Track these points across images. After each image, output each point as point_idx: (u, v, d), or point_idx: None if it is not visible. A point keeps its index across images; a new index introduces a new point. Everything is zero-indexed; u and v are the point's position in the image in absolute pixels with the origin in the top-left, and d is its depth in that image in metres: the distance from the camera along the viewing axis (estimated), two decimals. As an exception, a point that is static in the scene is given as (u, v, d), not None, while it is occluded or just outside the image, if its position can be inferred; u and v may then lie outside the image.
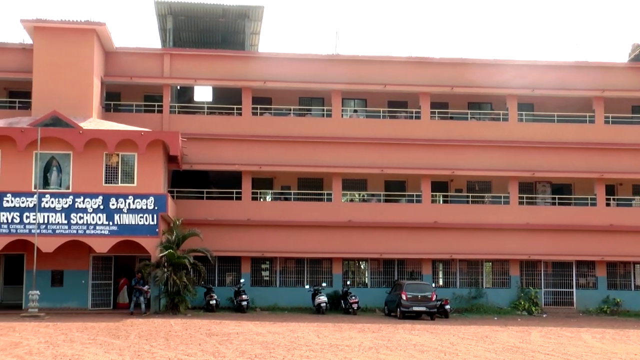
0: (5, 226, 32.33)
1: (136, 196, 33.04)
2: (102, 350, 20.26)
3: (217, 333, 24.99)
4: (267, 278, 39.60)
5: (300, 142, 39.47)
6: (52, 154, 33.26)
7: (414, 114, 41.02)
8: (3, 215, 32.31)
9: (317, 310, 35.27)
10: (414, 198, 40.46)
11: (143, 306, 32.63)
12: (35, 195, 32.35)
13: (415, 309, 33.79)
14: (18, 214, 32.41)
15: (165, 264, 32.76)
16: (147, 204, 33.06)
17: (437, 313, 34.78)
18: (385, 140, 39.76)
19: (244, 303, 34.89)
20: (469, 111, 41.91)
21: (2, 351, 19.78)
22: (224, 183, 40.50)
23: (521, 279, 39.92)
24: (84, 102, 36.08)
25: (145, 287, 33.02)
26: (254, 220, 38.47)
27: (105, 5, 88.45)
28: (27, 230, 32.38)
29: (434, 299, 34.12)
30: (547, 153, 40.28)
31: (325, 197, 40.00)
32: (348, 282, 38.65)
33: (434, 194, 40.43)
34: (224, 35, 44.91)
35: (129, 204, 32.99)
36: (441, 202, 41.10)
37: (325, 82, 40.02)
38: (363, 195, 41.99)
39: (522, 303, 38.33)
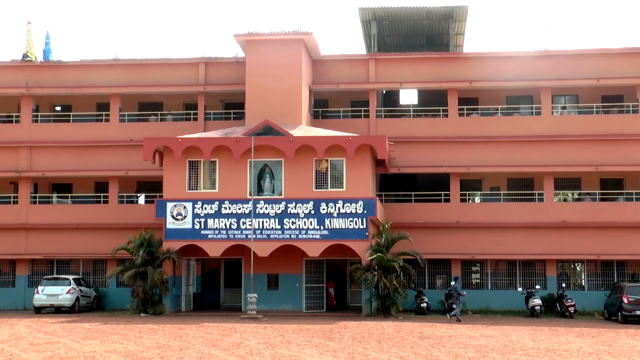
0: (224, 232, 33.89)
1: (345, 200, 33.55)
2: (318, 351, 20.68)
3: (429, 336, 24.84)
4: (478, 280, 38.95)
5: (508, 142, 38.55)
6: (265, 162, 34.51)
7: (630, 108, 38.92)
8: (222, 222, 33.88)
9: (531, 314, 34.24)
10: (633, 196, 38.35)
11: (458, 311, 31.79)
12: (251, 202, 33.67)
13: (638, 313, 31.94)
14: (235, 220, 33.86)
15: (376, 267, 33.01)
16: (356, 208, 33.49)
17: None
18: (600, 137, 38.00)
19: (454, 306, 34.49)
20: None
21: (226, 351, 20.71)
22: (432, 185, 40.27)
23: None
24: (294, 110, 37.14)
25: (463, 292, 32.68)
26: (463, 222, 37.99)
27: (310, 15, 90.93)
28: (244, 236, 33.77)
29: (660, 302, 32.05)
30: None
31: (537, 197, 38.78)
32: (563, 285, 37.18)
33: (655, 191, 38.16)
34: (428, 37, 44.76)
35: (339, 208, 33.56)
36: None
37: (534, 79, 38.85)
38: (576, 195, 40.34)
39: None
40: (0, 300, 38.68)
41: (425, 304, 34.77)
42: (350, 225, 33.49)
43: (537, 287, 36.34)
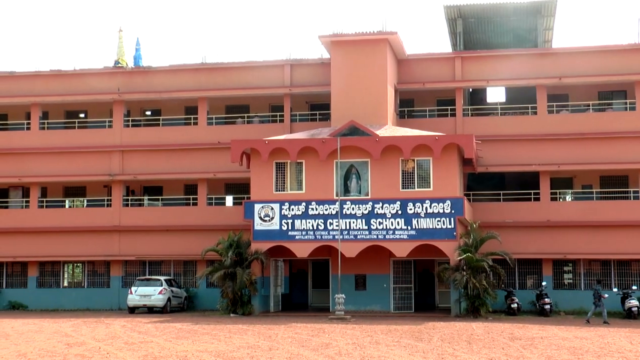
0: (312, 233, 34.04)
1: (433, 200, 33.29)
2: (407, 352, 20.55)
3: (521, 337, 24.39)
4: (570, 281, 38.07)
5: (601, 139, 37.57)
6: (351, 162, 34.52)
7: None
8: (309, 223, 34.03)
9: (628, 315, 33.24)
10: None
11: (604, 314, 30.84)
12: (337, 203, 33.73)
13: None
14: (322, 221, 33.98)
15: (464, 267, 32.64)
16: (443, 208, 33.19)
17: None
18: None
19: (547, 307, 33.84)
20: None
21: (315, 351, 20.78)
22: (521, 184, 39.57)
23: None
24: (379, 111, 37.03)
25: (605, 295, 31.59)
26: (553, 221, 37.19)
27: (395, 14, 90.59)
28: (331, 237, 33.85)
29: None
30: None
31: (632, 194, 37.67)
32: (662, 285, 35.98)
33: None
34: (515, 33, 43.98)
35: (426, 208, 33.32)
36: None
37: (628, 73, 37.75)
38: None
39: None
40: (96, 300, 39.77)
41: (515, 305, 34.16)
42: (437, 225, 33.21)
43: (634, 287, 35.24)
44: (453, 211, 33.14)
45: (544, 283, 36.04)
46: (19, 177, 41.21)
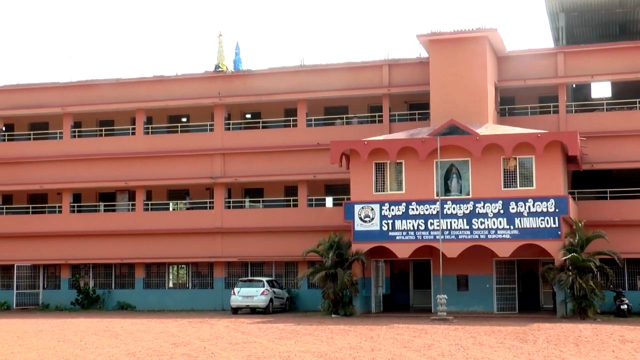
0: (412, 233, 33.83)
1: (536, 199, 32.63)
2: (511, 354, 20.16)
3: (632, 340, 23.58)
4: (683, 281, 36.61)
5: None
6: (451, 162, 34.15)
7: None
8: (409, 223, 33.84)
9: None
10: None
11: None
12: (438, 203, 33.41)
13: None
14: (423, 221, 33.72)
15: (570, 267, 31.83)
16: (547, 207, 32.49)
17: None
18: None
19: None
20: None
21: (417, 352, 20.62)
22: (629, 181, 38.28)
23: None
24: (479, 109, 36.50)
25: None
26: (665, 219, 35.86)
27: (493, 10, 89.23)
28: (431, 237, 33.58)
29: None
30: None
31: None
32: None
33: None
34: (621, 26, 42.69)
35: (529, 207, 32.68)
36: None
37: None
38: None
39: None
40: (200, 301, 40.54)
41: (625, 306, 33.05)
42: (541, 224, 32.54)
43: None
44: (557, 210, 32.40)
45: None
46: (125, 181, 42.41)
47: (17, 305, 42.30)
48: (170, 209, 44.47)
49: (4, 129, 45.14)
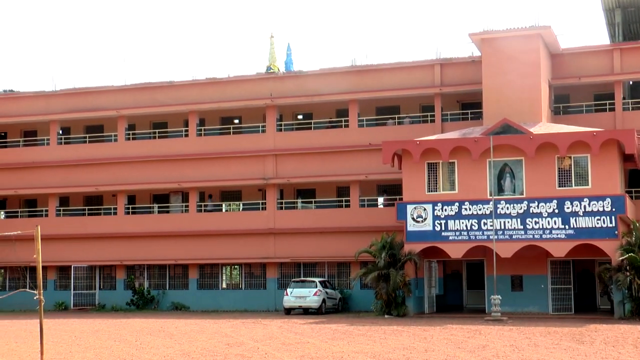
0: (465, 233, 33.58)
1: (591, 198, 32.14)
2: (568, 355, 19.88)
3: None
4: None
5: None
6: (504, 161, 33.81)
7: None
8: (462, 223, 33.59)
9: None
10: None
11: None
12: (491, 202, 33.11)
13: None
14: (476, 221, 33.45)
15: (627, 267, 31.28)
16: (603, 206, 31.98)
17: None
18: None
19: None
20: None
21: (471, 353, 20.46)
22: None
23: None
24: (533, 108, 36.07)
25: None
26: None
27: (546, 7, 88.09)
28: (485, 237, 33.28)
29: None
30: None
31: None
32: None
33: None
34: (679, 21, 41.80)
35: (584, 206, 32.21)
36: None
37: None
38: None
39: None
40: (253, 301, 40.77)
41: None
42: (597, 224, 32.03)
43: None
44: (614, 209, 31.87)
45: None
46: (179, 183, 42.85)
47: (74, 305, 43.08)
48: (224, 210, 44.82)
49: (60, 132, 45.95)
